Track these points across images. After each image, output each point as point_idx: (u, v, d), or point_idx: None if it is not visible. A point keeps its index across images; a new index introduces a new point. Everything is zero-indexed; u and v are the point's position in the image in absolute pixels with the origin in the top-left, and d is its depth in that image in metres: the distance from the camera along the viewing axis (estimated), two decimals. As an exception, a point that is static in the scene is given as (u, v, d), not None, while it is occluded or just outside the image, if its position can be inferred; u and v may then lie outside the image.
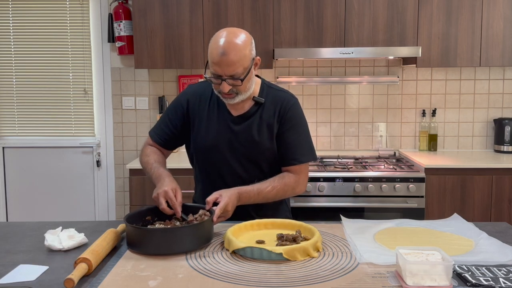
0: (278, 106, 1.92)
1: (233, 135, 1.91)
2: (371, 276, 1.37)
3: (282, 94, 1.96)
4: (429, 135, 3.69)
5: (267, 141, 1.92)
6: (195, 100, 1.96)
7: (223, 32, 1.78)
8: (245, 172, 1.94)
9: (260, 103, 1.92)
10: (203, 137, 1.93)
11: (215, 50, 1.75)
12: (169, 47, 3.40)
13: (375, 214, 3.07)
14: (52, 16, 3.79)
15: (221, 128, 1.92)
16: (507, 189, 3.14)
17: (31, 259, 1.51)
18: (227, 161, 1.93)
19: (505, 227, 1.82)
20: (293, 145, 1.93)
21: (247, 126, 1.91)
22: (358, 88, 3.76)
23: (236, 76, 1.76)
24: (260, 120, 1.91)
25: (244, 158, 1.93)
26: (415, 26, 3.34)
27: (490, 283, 1.29)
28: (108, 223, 1.91)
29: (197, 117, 1.95)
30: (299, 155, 1.93)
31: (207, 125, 1.93)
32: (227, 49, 1.72)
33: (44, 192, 3.89)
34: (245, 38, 1.78)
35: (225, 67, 1.74)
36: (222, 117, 1.93)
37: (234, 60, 1.73)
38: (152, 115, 3.80)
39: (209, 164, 1.97)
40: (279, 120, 1.92)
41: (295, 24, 3.34)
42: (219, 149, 1.92)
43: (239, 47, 1.74)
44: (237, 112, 1.92)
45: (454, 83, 3.74)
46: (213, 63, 1.76)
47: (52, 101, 3.86)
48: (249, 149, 1.91)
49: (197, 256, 1.52)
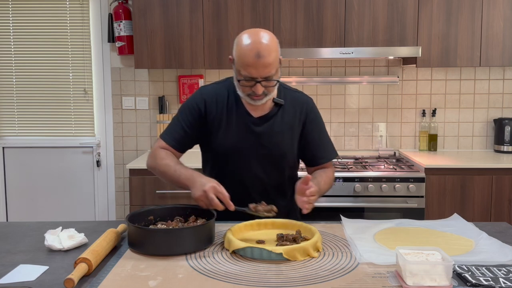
0: (299, 108, 1.95)
1: (255, 136, 1.90)
2: (371, 276, 1.37)
3: (300, 96, 2.00)
4: (429, 135, 3.69)
5: (289, 142, 1.93)
6: (212, 101, 1.92)
7: (252, 34, 1.77)
8: (264, 173, 1.93)
9: (280, 104, 1.92)
10: (223, 139, 1.91)
11: (249, 52, 1.72)
12: (169, 47, 3.40)
13: (375, 214, 3.07)
14: (52, 16, 3.79)
15: (242, 130, 1.90)
16: (507, 189, 3.14)
17: (31, 259, 1.51)
18: (248, 162, 1.91)
19: (505, 227, 1.83)
20: (320, 144, 1.99)
21: (269, 127, 1.91)
22: (358, 88, 3.76)
23: (270, 77, 1.76)
24: (281, 121, 1.92)
25: (265, 159, 1.92)
26: (415, 26, 3.34)
27: (490, 283, 1.29)
28: (108, 223, 1.91)
29: (215, 119, 1.91)
30: (327, 153, 2.01)
31: (226, 127, 1.90)
32: (263, 51, 1.71)
33: (44, 192, 3.89)
34: (275, 39, 1.79)
35: (261, 69, 1.73)
36: (242, 119, 1.90)
37: (269, 62, 1.73)
38: (152, 115, 3.80)
39: (228, 167, 1.94)
40: (302, 121, 1.95)
41: (295, 24, 3.34)
42: (240, 151, 1.90)
43: (272, 48, 1.74)
44: (258, 114, 1.91)
45: (454, 83, 3.74)
46: (247, 66, 1.73)
47: (52, 101, 3.86)
48: (271, 150, 1.91)
49: (197, 256, 1.52)
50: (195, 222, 1.68)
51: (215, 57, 3.38)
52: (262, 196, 1.91)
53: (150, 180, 3.19)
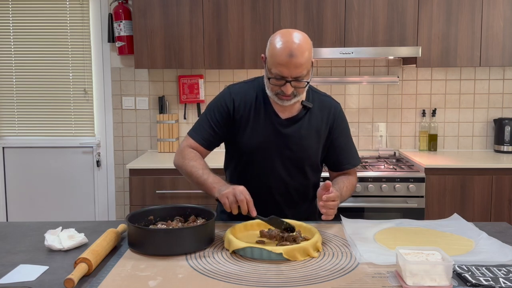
0: (326, 112, 1.95)
1: (282, 138, 1.90)
2: (371, 276, 1.37)
3: (328, 100, 2.00)
4: (429, 135, 3.69)
5: (314, 145, 1.93)
6: (241, 100, 1.92)
7: (287, 33, 1.77)
8: (288, 175, 1.93)
9: (308, 107, 1.92)
10: (249, 139, 1.90)
11: (283, 51, 1.73)
12: (169, 47, 3.40)
13: (375, 214, 3.07)
14: (52, 16, 3.79)
15: (269, 130, 1.90)
16: (507, 189, 3.14)
17: (31, 259, 1.51)
18: (273, 163, 1.91)
19: (505, 227, 1.83)
20: (346, 149, 1.99)
21: (296, 129, 1.90)
22: (358, 88, 3.76)
23: (301, 78, 1.76)
24: (308, 124, 1.92)
25: (290, 161, 1.92)
26: (415, 26, 3.34)
27: (490, 283, 1.29)
28: (108, 223, 1.91)
29: (243, 118, 1.91)
30: (352, 158, 2.01)
31: (253, 127, 1.90)
32: (296, 51, 1.72)
33: (44, 192, 3.89)
34: (309, 40, 1.79)
35: (293, 69, 1.73)
36: (269, 119, 1.90)
37: (301, 62, 1.73)
38: (152, 115, 3.80)
39: (253, 167, 1.93)
40: (329, 126, 1.95)
41: (295, 24, 3.34)
42: (266, 151, 1.90)
43: (306, 49, 1.74)
44: (286, 115, 1.91)
45: (454, 83, 3.74)
46: (279, 64, 1.73)
47: (52, 101, 3.86)
48: (297, 152, 1.91)
49: (197, 256, 1.52)
50: (195, 222, 1.68)
51: (215, 57, 3.38)
52: (284, 197, 1.93)
53: (150, 180, 3.19)
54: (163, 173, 3.18)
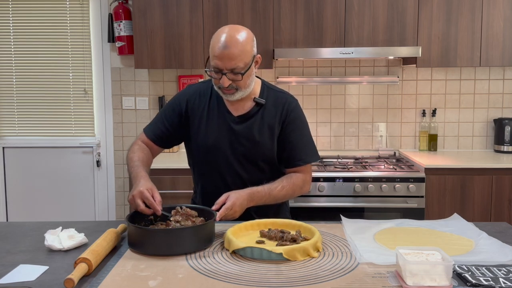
0: (280, 107, 1.94)
1: (234, 135, 1.92)
2: (371, 276, 1.37)
3: (283, 96, 1.98)
4: (429, 135, 3.69)
5: (267, 142, 1.93)
6: (195, 99, 1.97)
7: (226, 28, 1.81)
8: (245, 172, 1.94)
9: (261, 104, 1.93)
10: (204, 137, 1.94)
11: (217, 44, 1.77)
12: (169, 47, 3.40)
13: (375, 214, 3.07)
14: (52, 16, 3.79)
15: (221, 128, 1.93)
16: (507, 189, 3.14)
17: (31, 259, 1.51)
18: (228, 161, 1.93)
19: (505, 227, 1.83)
20: (298, 146, 1.95)
21: (248, 127, 1.92)
22: (358, 88, 3.76)
23: (237, 70, 1.77)
24: (261, 121, 1.92)
25: (244, 158, 1.93)
26: (415, 26, 3.34)
27: (490, 283, 1.29)
28: (108, 223, 1.91)
29: (197, 117, 1.95)
30: (304, 155, 1.96)
31: (207, 124, 1.94)
32: (229, 43, 1.75)
33: (44, 192, 3.89)
34: (247, 35, 1.80)
35: (227, 61, 1.75)
36: (222, 117, 1.93)
37: (235, 54, 1.75)
38: (152, 115, 3.80)
39: (210, 163, 1.96)
40: (281, 122, 1.93)
41: (295, 24, 3.34)
42: (220, 149, 1.93)
43: (240, 41, 1.76)
44: (238, 112, 1.93)
45: (454, 83, 3.74)
46: (214, 57, 1.77)
47: (52, 101, 3.86)
48: (250, 149, 1.92)
49: (197, 256, 1.52)
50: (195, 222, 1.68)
51: (215, 57, 3.37)
52: None
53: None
54: (163, 173, 3.18)
